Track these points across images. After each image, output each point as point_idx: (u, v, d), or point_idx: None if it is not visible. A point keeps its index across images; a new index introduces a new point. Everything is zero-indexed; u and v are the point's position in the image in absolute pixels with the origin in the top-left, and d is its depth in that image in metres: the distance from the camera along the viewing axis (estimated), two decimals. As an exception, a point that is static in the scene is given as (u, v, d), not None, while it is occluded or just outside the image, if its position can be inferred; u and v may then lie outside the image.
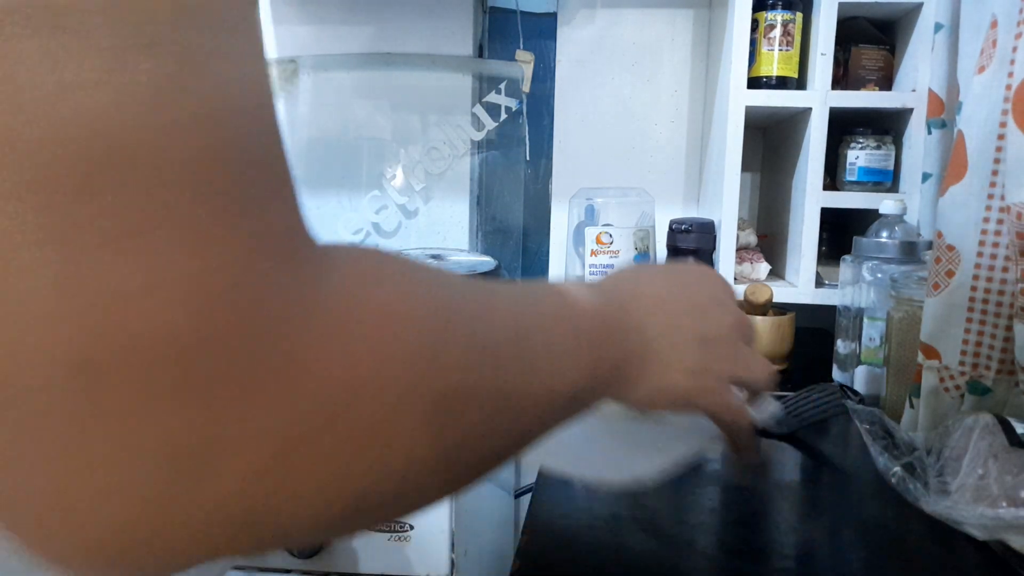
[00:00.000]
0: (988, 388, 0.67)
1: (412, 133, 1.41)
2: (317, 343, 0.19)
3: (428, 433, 0.22)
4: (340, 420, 0.19)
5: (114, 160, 0.16)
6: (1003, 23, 0.63)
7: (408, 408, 0.21)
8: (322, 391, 0.19)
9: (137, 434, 0.17)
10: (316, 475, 0.19)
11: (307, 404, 0.18)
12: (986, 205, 0.65)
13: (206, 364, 0.17)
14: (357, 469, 0.20)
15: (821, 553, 0.56)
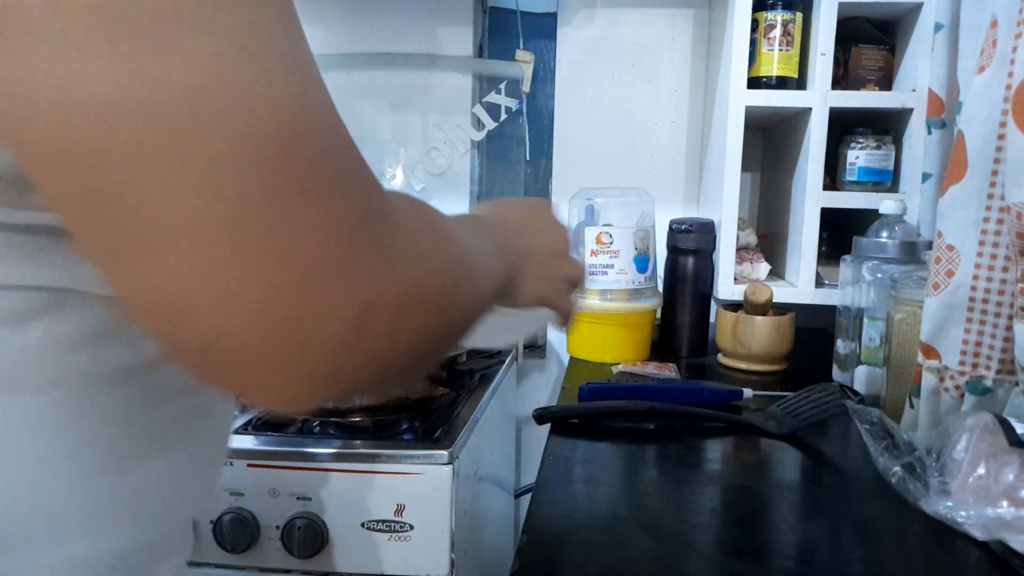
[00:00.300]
0: (988, 388, 0.67)
1: (412, 133, 1.41)
2: (406, 245, 0.30)
3: (448, 302, 0.33)
4: (420, 289, 0.30)
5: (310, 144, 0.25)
6: (1003, 23, 0.63)
7: (440, 287, 0.32)
8: (412, 272, 0.30)
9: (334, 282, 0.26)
10: (413, 318, 0.29)
11: (406, 276, 0.29)
12: (986, 205, 0.65)
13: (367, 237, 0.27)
14: (426, 320, 0.31)
15: (821, 553, 0.56)
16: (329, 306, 0.25)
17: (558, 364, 1.48)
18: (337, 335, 0.26)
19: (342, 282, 0.26)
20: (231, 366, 0.25)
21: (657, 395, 0.88)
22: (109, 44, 0.21)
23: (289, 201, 0.24)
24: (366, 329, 0.27)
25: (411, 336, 0.30)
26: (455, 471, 0.78)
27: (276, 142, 0.23)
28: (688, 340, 1.17)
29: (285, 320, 0.24)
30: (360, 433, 0.85)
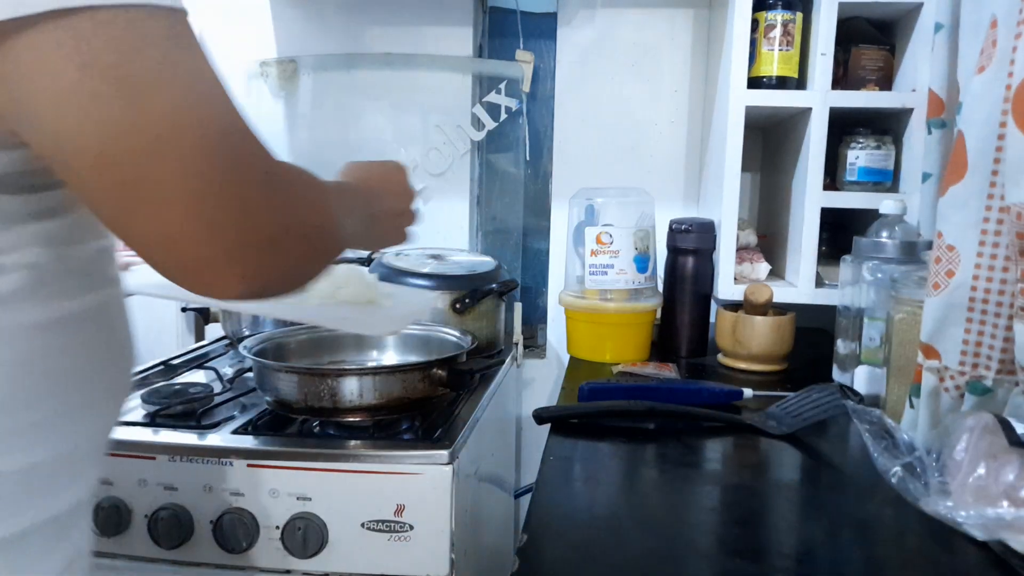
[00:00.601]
0: (988, 388, 0.67)
1: (412, 133, 1.41)
2: (289, 189, 0.44)
3: (315, 233, 0.48)
4: (295, 214, 0.44)
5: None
6: (1003, 23, 0.63)
7: (310, 218, 0.47)
8: (291, 203, 0.44)
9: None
10: (292, 235, 0.43)
11: (286, 202, 0.43)
12: (986, 205, 0.65)
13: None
14: (297, 231, 0.44)
15: (821, 553, 0.56)
16: (254, 227, 0.38)
17: (558, 364, 1.48)
18: (259, 242, 0.39)
19: (256, 214, 0.38)
20: (195, 271, 0.37)
21: (657, 395, 0.88)
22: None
23: (225, 180, 0.36)
24: (275, 245, 0.40)
25: (297, 248, 0.44)
26: (455, 471, 0.78)
27: (204, 144, 0.35)
28: (688, 340, 1.17)
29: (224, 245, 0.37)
30: (360, 433, 0.85)
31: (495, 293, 1.18)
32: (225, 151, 0.36)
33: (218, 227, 0.36)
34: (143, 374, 1.08)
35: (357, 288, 0.80)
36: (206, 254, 0.36)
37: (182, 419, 0.88)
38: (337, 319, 0.76)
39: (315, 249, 0.48)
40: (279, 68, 1.42)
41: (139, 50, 0.32)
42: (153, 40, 0.33)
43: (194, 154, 0.34)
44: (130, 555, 0.82)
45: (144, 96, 0.32)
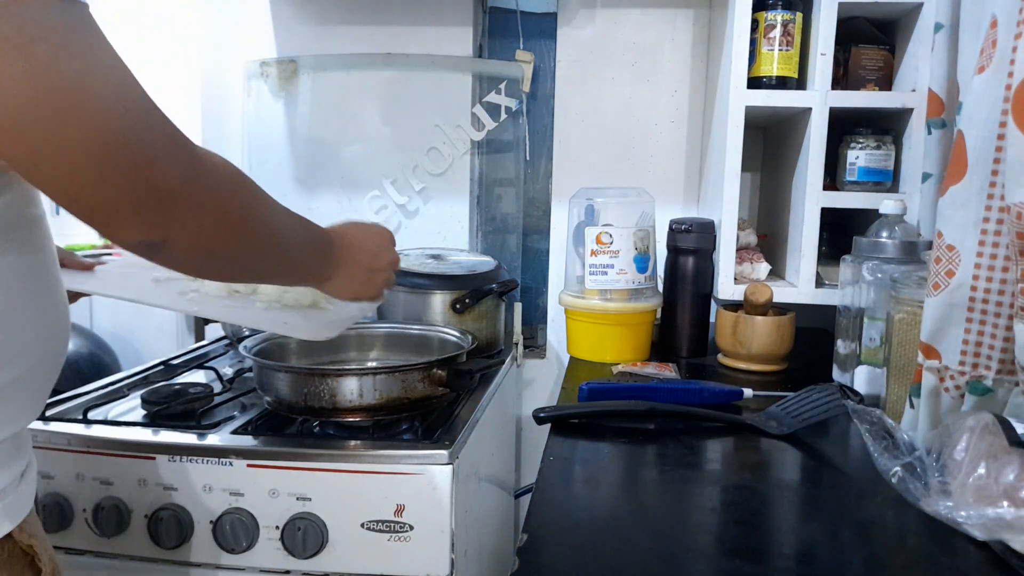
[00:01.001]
0: (988, 388, 0.67)
1: (412, 133, 1.41)
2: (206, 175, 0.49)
3: (235, 213, 0.52)
4: (205, 182, 0.49)
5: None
6: (1003, 23, 0.63)
7: (228, 196, 0.52)
8: (200, 172, 0.48)
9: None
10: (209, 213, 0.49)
11: (193, 167, 0.47)
12: (986, 205, 0.65)
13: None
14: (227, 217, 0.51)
15: (821, 553, 0.56)
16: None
17: (558, 364, 1.48)
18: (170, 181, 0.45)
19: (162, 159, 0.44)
20: (101, 218, 0.43)
21: (657, 395, 0.88)
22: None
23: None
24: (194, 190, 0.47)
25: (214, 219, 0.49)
26: (455, 471, 0.78)
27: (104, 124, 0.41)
28: (688, 340, 1.17)
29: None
30: (360, 433, 0.85)
31: (495, 293, 1.18)
32: (124, 115, 0.42)
33: (120, 180, 0.42)
34: (143, 374, 1.08)
35: (301, 292, 0.85)
36: (110, 204, 0.42)
37: (182, 419, 0.88)
38: (279, 323, 0.81)
39: (235, 230, 0.53)
40: (279, 68, 1.42)
41: (42, 32, 0.38)
42: (54, 23, 0.38)
43: (94, 119, 0.40)
44: (130, 555, 0.82)
45: (47, 70, 0.38)
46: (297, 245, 0.65)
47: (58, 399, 0.94)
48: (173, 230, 0.47)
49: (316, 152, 1.44)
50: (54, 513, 0.82)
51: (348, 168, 1.44)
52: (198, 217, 0.48)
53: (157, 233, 0.46)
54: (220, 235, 0.51)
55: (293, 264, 0.65)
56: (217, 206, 0.50)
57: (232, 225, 0.52)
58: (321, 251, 0.69)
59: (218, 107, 1.47)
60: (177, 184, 0.45)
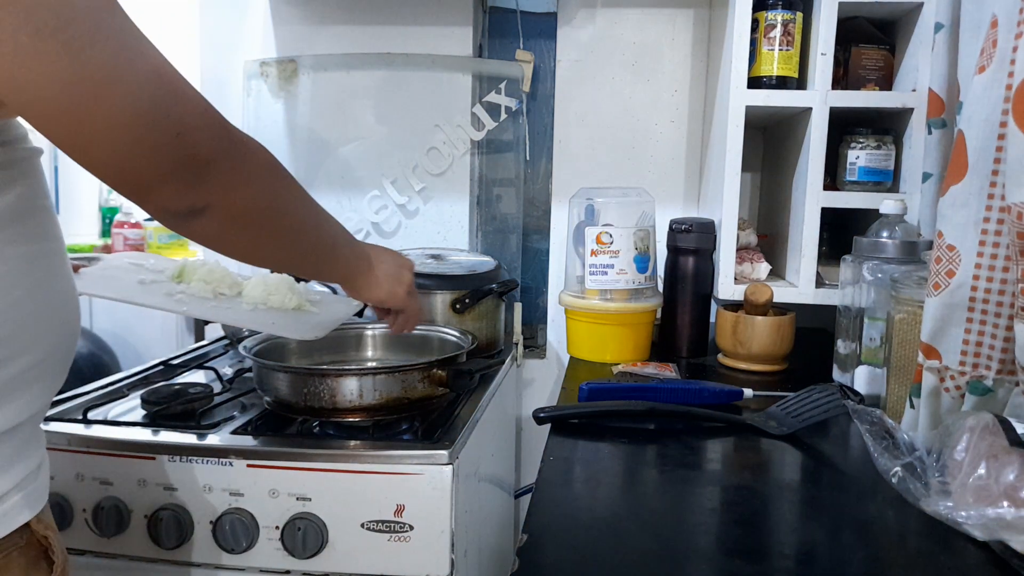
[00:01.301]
0: (988, 388, 0.67)
1: (412, 133, 1.41)
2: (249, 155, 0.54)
3: (271, 193, 0.57)
4: (241, 155, 0.53)
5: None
6: (1003, 23, 0.63)
7: (266, 177, 0.56)
8: (235, 145, 0.52)
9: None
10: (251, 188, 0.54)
11: (228, 139, 0.51)
12: (986, 205, 0.65)
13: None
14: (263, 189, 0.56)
15: (821, 553, 0.56)
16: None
17: (558, 364, 1.48)
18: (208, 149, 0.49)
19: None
20: (138, 187, 0.48)
21: (657, 395, 0.88)
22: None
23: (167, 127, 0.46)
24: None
25: (250, 192, 0.53)
26: (455, 471, 0.78)
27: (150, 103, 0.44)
28: (688, 340, 1.17)
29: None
30: (360, 433, 0.85)
31: (495, 293, 1.18)
32: (158, 90, 0.45)
33: (161, 150, 0.45)
34: (143, 374, 1.08)
35: (285, 295, 0.88)
36: (153, 173, 0.46)
37: (182, 419, 0.88)
38: (267, 323, 0.84)
39: (273, 206, 0.56)
40: (279, 68, 1.42)
41: (76, 16, 0.40)
42: (87, 7, 0.41)
43: (132, 95, 0.43)
44: (130, 555, 0.82)
45: (84, 52, 0.41)
46: (331, 234, 0.67)
47: (58, 399, 0.94)
48: (214, 195, 0.50)
49: (316, 152, 1.44)
50: (54, 513, 0.81)
51: (348, 168, 1.44)
52: (237, 186, 0.51)
53: (199, 199, 0.49)
54: (259, 206, 0.54)
55: (328, 251, 0.67)
56: (255, 178, 0.53)
57: (270, 200, 0.55)
58: (355, 246, 0.72)
59: (218, 107, 1.46)
60: (214, 152, 0.48)
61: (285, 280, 0.91)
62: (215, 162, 0.48)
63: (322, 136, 1.44)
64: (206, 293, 0.85)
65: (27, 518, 0.51)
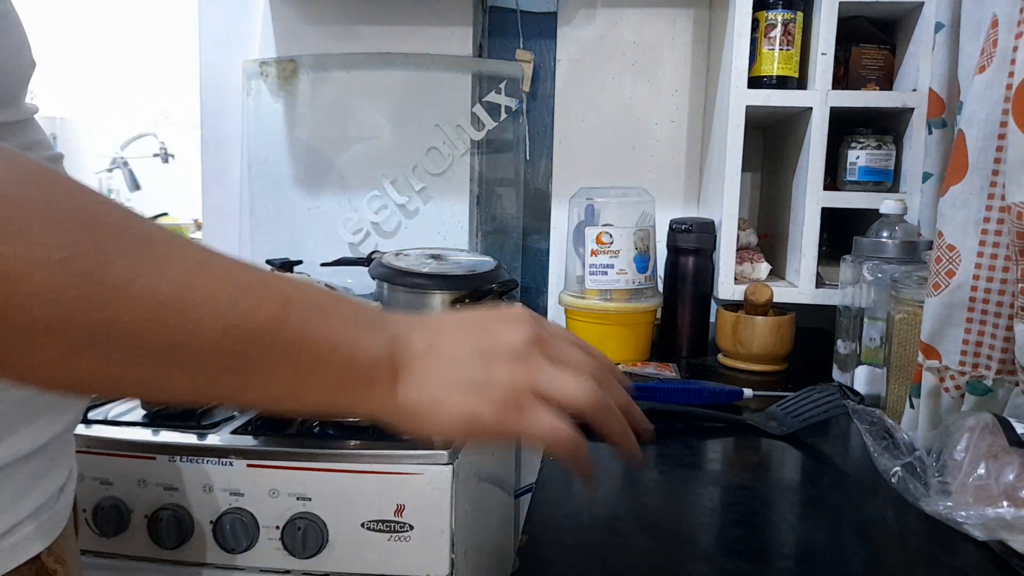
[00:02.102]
0: (988, 388, 0.67)
1: (412, 133, 1.41)
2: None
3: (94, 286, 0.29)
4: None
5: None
6: (1003, 23, 0.63)
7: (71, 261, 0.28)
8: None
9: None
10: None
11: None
12: (986, 205, 0.65)
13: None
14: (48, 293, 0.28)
15: (821, 553, 0.56)
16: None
17: (558, 364, 1.48)
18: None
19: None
20: None
21: (657, 395, 0.88)
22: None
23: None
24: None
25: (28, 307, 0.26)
26: (455, 471, 0.78)
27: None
28: (688, 340, 1.17)
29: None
30: (360, 433, 0.85)
31: (495, 293, 1.18)
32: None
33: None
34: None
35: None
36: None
37: (182, 419, 0.88)
38: None
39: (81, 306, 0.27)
40: (279, 68, 1.42)
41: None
42: None
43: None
44: (130, 555, 0.82)
45: None
46: (268, 308, 0.32)
47: (58, 399, 0.93)
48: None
49: (316, 152, 1.44)
50: (54, 513, 0.82)
51: (348, 168, 1.44)
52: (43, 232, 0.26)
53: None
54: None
55: (263, 343, 0.31)
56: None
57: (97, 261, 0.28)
58: (344, 323, 0.35)
59: (218, 107, 1.47)
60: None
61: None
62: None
63: (322, 136, 1.44)
64: None
65: (38, 550, 0.46)
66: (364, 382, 0.35)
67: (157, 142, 2.22)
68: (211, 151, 1.49)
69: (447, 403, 0.36)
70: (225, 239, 1.49)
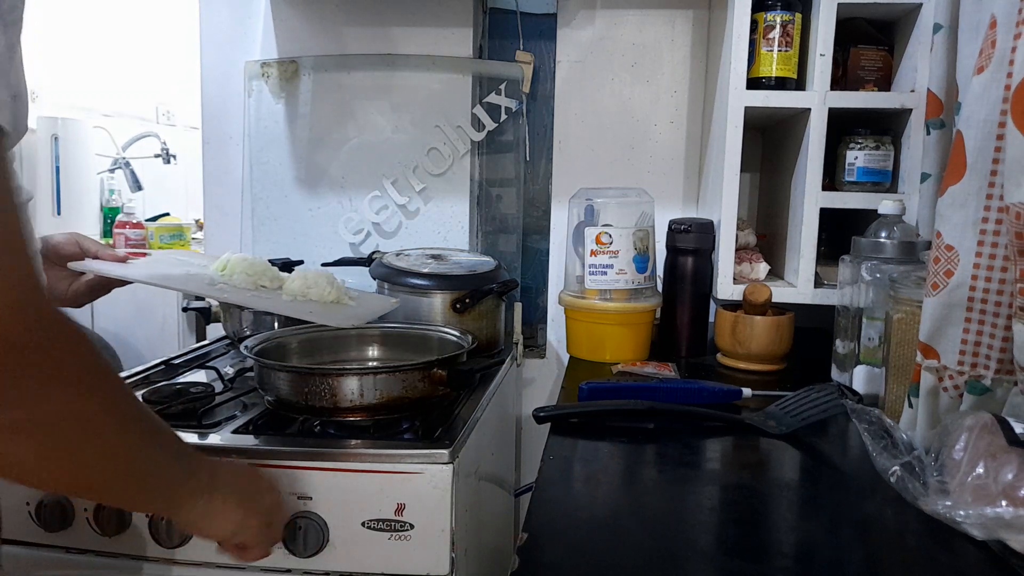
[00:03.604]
0: (987, 388, 0.67)
1: (412, 133, 1.42)
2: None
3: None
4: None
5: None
6: (1002, 23, 0.63)
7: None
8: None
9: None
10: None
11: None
12: (985, 205, 0.65)
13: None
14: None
15: (820, 552, 0.56)
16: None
17: (558, 364, 1.48)
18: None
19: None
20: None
21: (656, 395, 0.89)
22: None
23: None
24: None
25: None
26: (455, 471, 0.78)
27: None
28: (687, 340, 1.17)
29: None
30: (360, 433, 0.86)
31: (495, 293, 1.18)
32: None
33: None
34: (144, 374, 1.08)
35: (324, 289, 0.91)
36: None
37: (183, 419, 0.88)
38: (303, 312, 0.86)
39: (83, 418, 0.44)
40: (280, 69, 1.43)
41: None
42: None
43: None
44: (131, 554, 0.82)
45: None
46: (149, 451, 0.52)
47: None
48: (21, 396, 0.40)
49: (317, 153, 1.45)
50: (55, 513, 0.82)
51: (349, 168, 1.44)
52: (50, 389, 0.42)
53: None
54: (71, 417, 0.43)
55: (141, 473, 0.52)
56: (70, 381, 0.43)
57: (81, 408, 0.45)
58: (187, 461, 0.57)
59: (219, 108, 1.48)
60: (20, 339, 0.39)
61: (324, 274, 0.93)
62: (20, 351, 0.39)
63: (323, 137, 1.44)
64: (247, 285, 0.87)
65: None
66: (196, 491, 0.58)
67: (159, 143, 2.22)
68: (212, 152, 1.50)
69: (232, 517, 0.61)
70: (226, 239, 1.49)
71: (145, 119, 2.46)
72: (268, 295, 0.87)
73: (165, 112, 2.54)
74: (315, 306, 0.85)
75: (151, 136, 2.24)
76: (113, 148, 2.16)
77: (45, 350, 0.41)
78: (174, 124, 2.57)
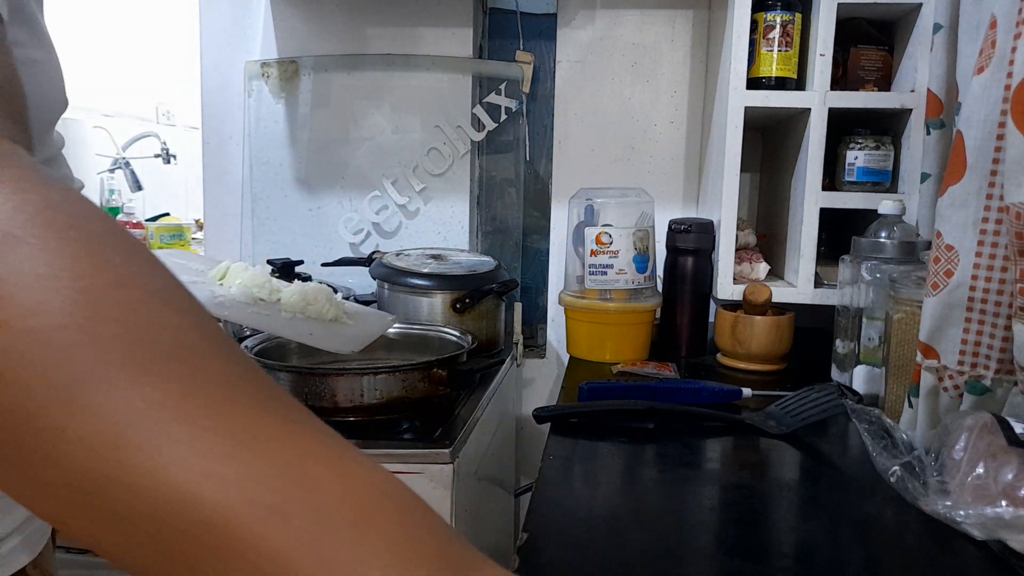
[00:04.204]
0: (987, 388, 0.67)
1: (412, 133, 1.42)
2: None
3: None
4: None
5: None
6: (1002, 23, 0.63)
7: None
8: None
9: None
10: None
11: None
12: (985, 205, 0.65)
13: None
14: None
15: (820, 552, 0.56)
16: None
17: (558, 364, 1.48)
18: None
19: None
20: None
21: (656, 395, 0.89)
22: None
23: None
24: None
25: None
26: (455, 470, 0.78)
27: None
28: (687, 340, 1.17)
29: None
30: (360, 433, 0.86)
31: (495, 293, 1.18)
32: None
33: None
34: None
35: (323, 305, 0.87)
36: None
37: (183, 419, 0.88)
38: (304, 334, 0.83)
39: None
40: (280, 69, 1.43)
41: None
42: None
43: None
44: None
45: None
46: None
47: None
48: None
49: (317, 153, 1.45)
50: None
51: (349, 169, 1.44)
52: None
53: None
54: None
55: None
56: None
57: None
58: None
59: (219, 108, 1.48)
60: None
61: (323, 290, 0.92)
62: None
63: (323, 137, 1.44)
64: (245, 297, 0.86)
65: (23, 563, 0.47)
66: None
67: (159, 143, 2.22)
68: (212, 152, 1.50)
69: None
70: (226, 239, 1.49)
71: (145, 119, 2.46)
72: (267, 311, 0.86)
73: (165, 112, 2.54)
74: (315, 326, 0.84)
75: (151, 136, 2.24)
76: (113, 148, 2.16)
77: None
78: (174, 124, 2.57)
